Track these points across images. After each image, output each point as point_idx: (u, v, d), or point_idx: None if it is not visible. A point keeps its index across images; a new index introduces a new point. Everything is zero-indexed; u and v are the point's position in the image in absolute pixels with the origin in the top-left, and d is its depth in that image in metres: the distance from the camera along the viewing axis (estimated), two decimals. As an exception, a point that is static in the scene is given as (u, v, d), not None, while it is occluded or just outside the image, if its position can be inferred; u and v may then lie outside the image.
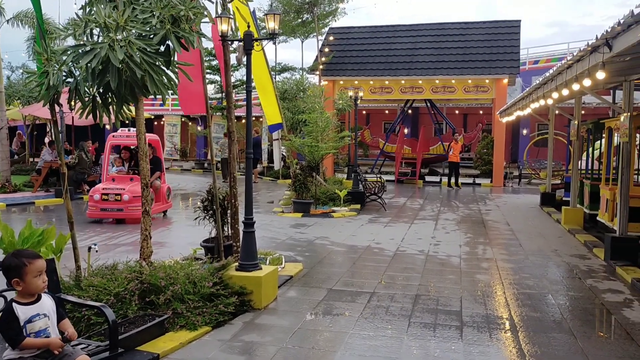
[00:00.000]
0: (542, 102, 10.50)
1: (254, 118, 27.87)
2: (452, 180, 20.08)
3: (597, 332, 5.50)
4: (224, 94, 16.35)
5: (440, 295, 6.50)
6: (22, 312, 3.06)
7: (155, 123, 32.92)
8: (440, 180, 21.37)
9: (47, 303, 3.18)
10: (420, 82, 21.63)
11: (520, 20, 22.52)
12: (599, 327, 5.75)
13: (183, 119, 30.78)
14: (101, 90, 5.41)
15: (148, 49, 5.04)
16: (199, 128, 30.16)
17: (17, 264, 3.08)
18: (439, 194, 17.86)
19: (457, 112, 30.49)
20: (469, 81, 21.13)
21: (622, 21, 5.00)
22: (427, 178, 21.96)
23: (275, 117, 11.04)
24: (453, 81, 21.27)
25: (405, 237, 10.17)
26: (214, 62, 22.57)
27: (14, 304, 3.08)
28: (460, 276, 7.43)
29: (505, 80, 20.86)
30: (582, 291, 6.84)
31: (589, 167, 12.76)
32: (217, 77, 22.56)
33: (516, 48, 21.42)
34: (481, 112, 29.03)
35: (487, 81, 21.01)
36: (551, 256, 8.80)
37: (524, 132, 26.68)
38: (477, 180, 21.41)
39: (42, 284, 3.16)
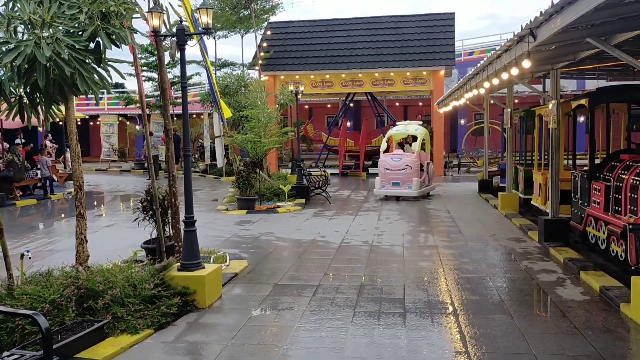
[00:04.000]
0: (475, 91, 10.84)
1: (194, 116, 27.36)
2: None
3: (534, 311, 5.75)
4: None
5: (384, 284, 6.62)
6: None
7: (91, 123, 31.81)
8: (383, 171, 21.69)
9: None
10: (360, 75, 21.87)
11: (454, 13, 23.12)
12: (535, 307, 6.00)
13: (120, 119, 29.87)
14: (28, 90, 5.19)
15: (77, 46, 4.86)
16: (137, 127, 29.37)
17: None
18: (382, 185, 18.10)
19: (397, 104, 31.00)
20: (408, 73, 21.53)
21: (544, 11, 5.23)
22: (371, 170, 22.23)
23: (227, 111, 11.23)
24: (392, 74, 21.62)
25: (350, 229, 10.28)
26: (152, 59, 22.04)
27: None
28: (403, 264, 7.58)
29: (442, 72, 21.39)
30: (518, 273, 7.12)
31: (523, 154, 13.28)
32: (155, 74, 21.99)
33: (451, 40, 21.99)
34: (420, 103, 29.64)
35: (424, 73, 21.47)
36: (489, 241, 9.12)
37: (462, 122, 27.47)
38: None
39: None
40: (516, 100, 14.51)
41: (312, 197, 14.54)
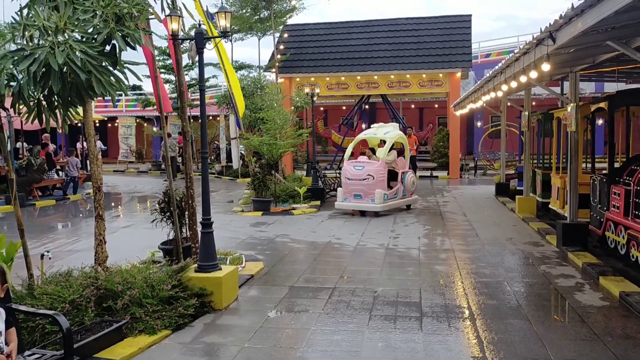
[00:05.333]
0: (492, 94, 10.76)
1: (210, 117, 27.51)
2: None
3: (552, 317, 5.69)
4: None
5: (400, 288, 6.60)
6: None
7: (109, 125, 32.14)
8: (399, 174, 21.62)
9: None
10: (375, 77, 21.84)
11: (471, 15, 22.99)
12: (553, 312, 5.93)
13: (138, 120, 30.15)
14: (46, 94, 5.26)
15: (91, 51, 4.91)
16: (154, 129, 29.61)
17: None
18: (398, 188, 18.05)
19: (413, 106, 30.91)
20: (424, 75, 21.46)
21: (563, 14, 5.17)
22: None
23: (242, 105, 11.39)
24: (408, 76, 21.56)
25: (365, 232, 10.27)
26: (169, 61, 22.21)
27: None
28: (419, 268, 7.55)
29: (459, 74, 21.28)
30: (536, 277, 7.06)
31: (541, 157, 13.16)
32: (172, 77, 22.17)
33: (468, 42, 21.88)
34: (436, 105, 29.52)
35: (441, 75, 21.38)
36: (506, 244, 9.04)
37: (478, 124, 27.28)
38: (435, 173, 21.78)
39: None
40: (533, 103, 14.38)
41: (327, 199, 14.55)
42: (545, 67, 6.29)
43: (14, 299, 4.38)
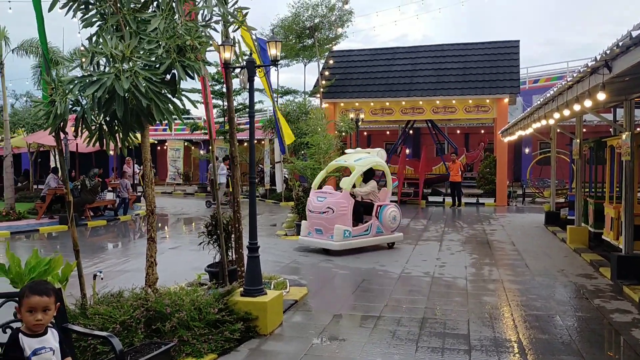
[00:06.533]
0: (543, 122, 10.55)
1: (255, 141, 28.13)
2: (456, 200, 20.11)
3: (606, 354, 5.45)
4: (226, 117, 16.39)
5: (447, 318, 6.46)
6: (27, 343, 3.01)
7: (159, 148, 33.07)
8: (444, 200, 21.35)
9: (52, 338, 3.13)
10: (420, 102, 21.77)
11: (519, 41, 22.73)
12: (607, 348, 5.69)
13: (186, 144, 30.92)
14: (107, 119, 5.48)
15: (154, 79, 5.11)
16: (201, 152, 30.29)
17: (20, 295, 3.06)
18: (443, 214, 17.83)
19: (458, 131, 30.60)
20: (470, 101, 21.26)
21: (621, 43, 5.05)
22: (430, 198, 21.93)
23: (290, 137, 11.51)
24: (454, 101, 21.40)
25: (410, 259, 10.14)
26: (216, 87, 22.79)
27: (20, 334, 3.05)
28: (466, 298, 7.39)
29: (506, 100, 20.97)
30: (589, 312, 6.79)
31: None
32: (220, 102, 22.72)
33: (516, 68, 21.59)
34: (482, 131, 29.12)
35: (487, 101, 21.13)
36: (557, 276, 8.75)
37: (526, 150, 26.74)
38: (481, 200, 21.37)
39: (34, 322, 3.00)
40: (584, 130, 13.97)
41: (371, 224, 14.43)
42: (601, 96, 6.14)
43: (68, 319, 4.51)
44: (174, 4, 5.40)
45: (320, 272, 9.12)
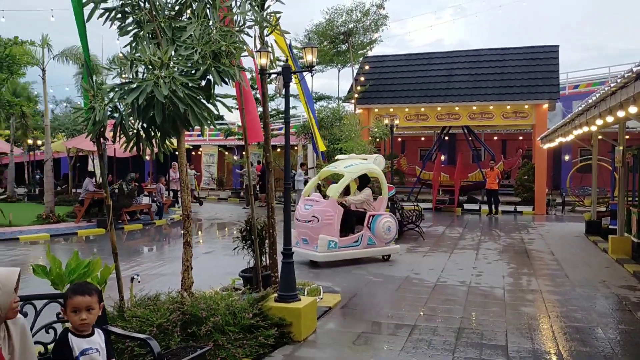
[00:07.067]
0: (585, 128, 10.25)
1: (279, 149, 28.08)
2: (492, 208, 19.75)
3: (653, 370, 5.23)
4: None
5: (484, 329, 6.32)
6: (76, 343, 3.08)
7: (193, 153, 33.59)
8: (480, 208, 20.99)
9: (98, 338, 3.20)
10: (457, 108, 21.49)
11: (558, 46, 22.23)
12: (654, 364, 5.46)
13: (220, 149, 31.29)
14: (145, 125, 5.57)
15: (190, 84, 5.17)
16: (235, 157, 30.63)
17: (65, 296, 3.13)
18: (479, 223, 17.52)
19: (495, 138, 30.09)
20: (508, 107, 20.87)
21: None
22: (466, 206, 21.58)
23: (322, 144, 11.50)
24: (491, 107, 21.06)
25: (446, 267, 9.97)
26: (253, 92, 22.98)
27: (69, 334, 3.12)
28: (504, 308, 7.21)
29: (545, 106, 20.52)
30: (633, 324, 6.54)
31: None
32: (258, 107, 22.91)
33: (555, 73, 21.09)
34: (520, 138, 28.58)
35: (526, 107, 20.71)
36: (599, 287, 8.47)
37: (566, 157, 26.08)
38: (519, 208, 20.92)
39: (79, 322, 3.09)
40: (627, 136, 13.53)
41: (404, 232, 14.31)
42: (646, 101, 5.92)
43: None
44: (208, 11, 5.47)
45: (353, 279, 9.06)
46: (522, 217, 19.19)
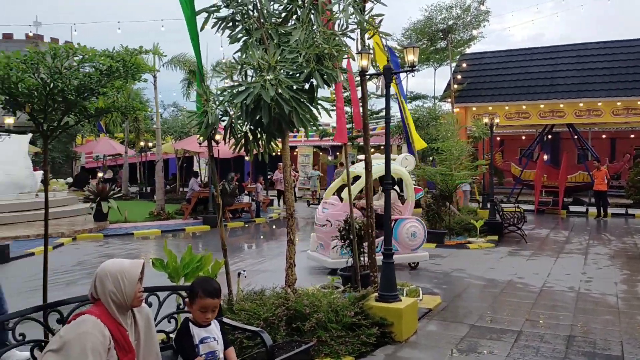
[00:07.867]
0: None
1: (381, 147, 28.05)
2: (601, 210, 18.54)
3: None
4: (352, 124, 16.60)
5: (596, 338, 5.98)
6: (197, 332, 3.32)
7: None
8: (587, 210, 19.77)
9: (215, 328, 3.42)
10: (561, 105, 20.39)
11: (675, 36, 20.45)
12: None
13: (315, 150, 31.80)
14: (252, 127, 5.83)
15: (295, 87, 5.35)
16: (329, 158, 30.97)
17: (193, 292, 3.35)
18: (586, 226, 16.52)
19: (604, 136, 28.23)
20: (618, 103, 19.50)
21: None
22: (572, 208, 20.41)
23: (419, 142, 11.49)
24: (599, 104, 19.77)
25: (552, 272, 9.52)
26: (346, 94, 23.18)
27: (189, 324, 3.36)
28: (618, 317, 6.78)
29: (661, 101, 18.97)
30: None
31: None
32: (348, 108, 23.09)
33: (671, 66, 19.44)
34: (632, 136, 26.64)
35: (639, 103, 19.24)
36: None
37: (686, 156, 23.94)
38: (630, 211, 19.48)
39: (204, 319, 3.33)
40: None
41: (505, 234, 13.82)
42: None
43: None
44: (312, 16, 5.61)
45: (453, 281, 8.89)
46: (635, 221, 17.85)
